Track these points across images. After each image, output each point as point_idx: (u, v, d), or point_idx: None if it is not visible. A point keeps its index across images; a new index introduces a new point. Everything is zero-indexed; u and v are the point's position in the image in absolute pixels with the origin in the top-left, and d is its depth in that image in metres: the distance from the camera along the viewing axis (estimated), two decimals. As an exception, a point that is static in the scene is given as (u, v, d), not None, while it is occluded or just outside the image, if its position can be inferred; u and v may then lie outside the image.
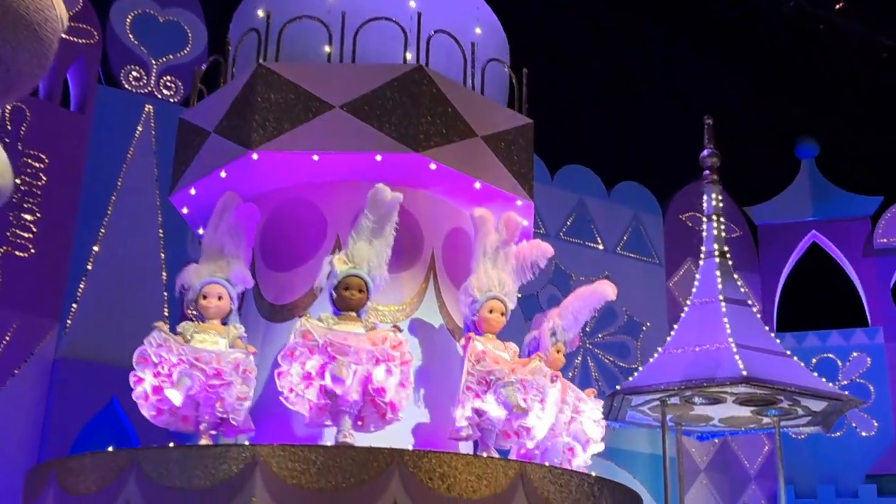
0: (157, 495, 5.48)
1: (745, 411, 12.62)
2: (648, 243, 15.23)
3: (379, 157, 6.90)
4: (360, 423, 6.13)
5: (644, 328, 14.66)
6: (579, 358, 14.05)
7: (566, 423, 7.09)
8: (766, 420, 12.85)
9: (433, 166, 6.89)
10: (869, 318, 16.05)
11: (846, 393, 11.93)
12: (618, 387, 12.32)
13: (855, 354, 15.67)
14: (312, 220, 7.15)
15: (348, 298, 6.31)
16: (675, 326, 12.70)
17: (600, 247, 14.72)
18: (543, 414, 6.54)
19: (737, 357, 11.64)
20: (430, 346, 7.05)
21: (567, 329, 7.43)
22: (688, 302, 12.86)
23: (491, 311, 6.72)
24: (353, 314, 6.33)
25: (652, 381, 11.99)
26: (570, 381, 7.47)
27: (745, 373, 11.33)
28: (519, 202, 7.46)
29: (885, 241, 16.08)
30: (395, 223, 6.50)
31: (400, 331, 6.24)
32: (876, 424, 15.33)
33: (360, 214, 6.42)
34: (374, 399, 6.05)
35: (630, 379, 12.26)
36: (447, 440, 6.45)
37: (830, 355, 15.49)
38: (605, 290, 7.44)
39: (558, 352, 7.39)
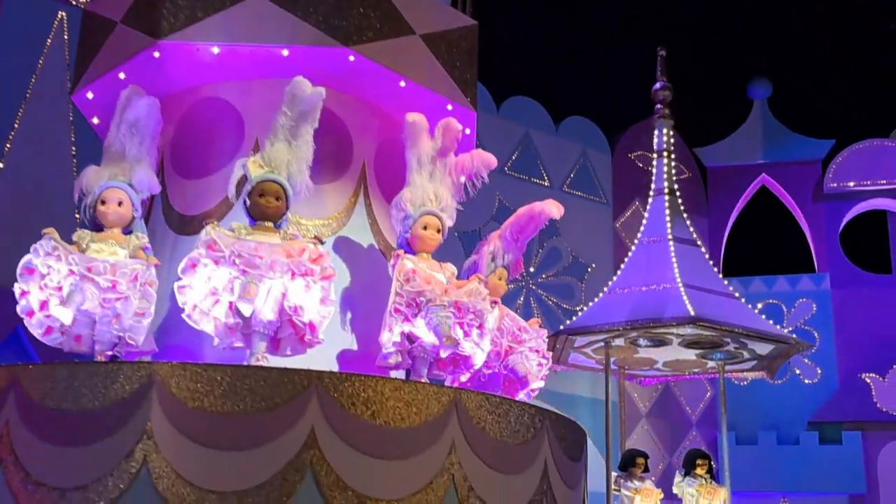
0: (38, 417, 4.76)
1: (691, 354, 12.25)
2: (596, 182, 14.69)
3: (289, 52, 6.13)
4: (275, 345, 5.44)
5: (589, 269, 14.17)
6: (521, 298, 13.52)
7: (502, 354, 6.48)
8: (710, 364, 12.50)
9: (352, 58, 6.14)
10: (816, 264, 15.77)
11: (794, 336, 11.57)
12: (561, 327, 11.84)
13: (801, 301, 15.40)
14: (229, 121, 6.38)
15: (263, 206, 5.58)
16: (622, 266, 12.25)
17: (546, 183, 14.15)
18: (482, 341, 5.92)
19: (685, 297, 11.23)
20: (358, 266, 6.37)
21: (508, 252, 6.80)
22: (635, 242, 12.39)
23: (425, 228, 6.04)
24: (270, 224, 5.60)
25: (597, 321, 11.54)
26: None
27: (693, 313, 10.93)
28: (450, 107, 6.73)
29: (835, 185, 15.76)
30: (318, 124, 5.76)
31: (321, 242, 5.54)
32: (819, 372, 15.11)
33: (278, 112, 5.68)
34: (292, 319, 5.36)
35: (574, 319, 11.77)
36: (376, 370, 5.80)
37: (776, 301, 15.20)
38: (550, 208, 6.80)
39: (499, 278, 6.76)
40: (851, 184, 15.65)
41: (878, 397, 14.50)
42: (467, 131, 6.99)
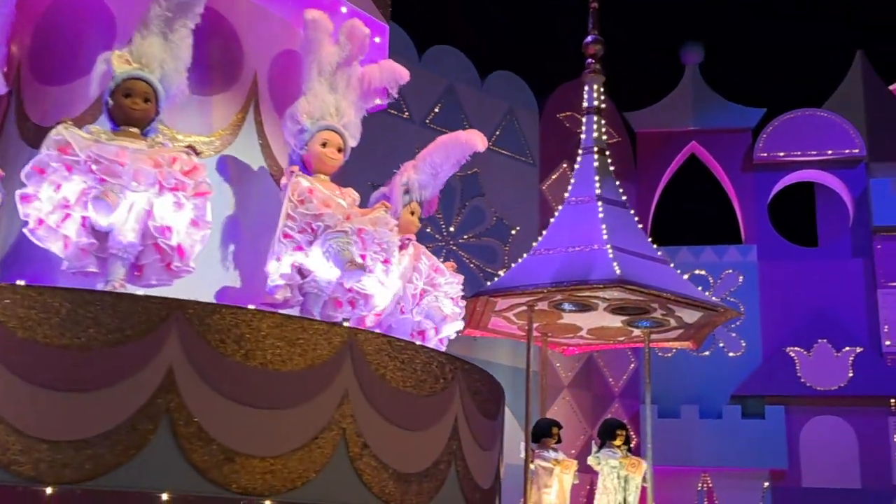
0: None
1: (616, 321, 11.64)
2: (523, 141, 13.98)
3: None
4: (137, 272, 4.57)
5: (513, 232, 13.48)
6: (441, 259, 12.73)
7: (416, 297, 5.71)
8: (636, 333, 11.91)
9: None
10: (744, 235, 15.36)
11: (722, 303, 11.02)
12: (481, 288, 11.11)
13: (727, 272, 14.97)
14: (97, 20, 5.44)
15: (129, 108, 4.69)
16: (548, 226, 11.57)
17: (470, 141, 13.35)
18: (387, 279, 5.12)
19: (612, 259, 10.58)
20: (244, 190, 5.51)
21: (423, 186, 6.03)
22: (561, 204, 11.71)
23: (324, 145, 5.22)
24: (135, 131, 4.72)
25: (520, 281, 10.83)
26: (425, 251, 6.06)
27: (620, 275, 10.28)
28: (342, 8, 5.87)
29: (765, 155, 15.35)
30: (201, 22, 4.89)
31: (197, 153, 4.67)
32: (743, 344, 14.71)
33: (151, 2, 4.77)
34: (157, 242, 4.50)
35: (495, 280, 11.04)
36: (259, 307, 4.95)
37: (702, 272, 14.74)
38: (473, 138, 6.05)
39: (412, 213, 6.00)
40: (781, 154, 15.26)
41: (803, 371, 14.17)
42: (377, 40, 6.18)
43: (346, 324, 4.92)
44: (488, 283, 11.40)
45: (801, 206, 15.95)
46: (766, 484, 13.99)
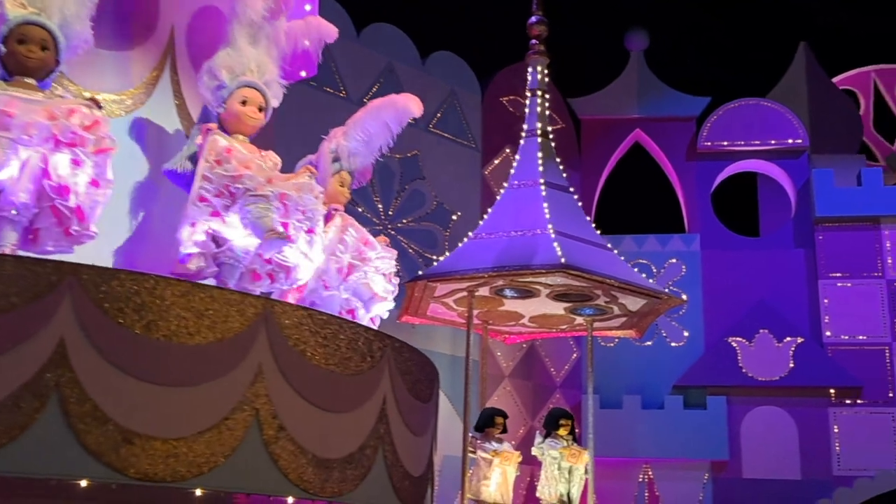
0: None
1: (559, 309, 11.36)
2: (464, 124, 13.64)
3: None
4: (31, 237, 4.13)
5: (454, 217, 13.14)
6: (379, 244, 12.37)
7: (343, 271, 5.32)
8: (578, 321, 11.64)
9: None
10: (687, 224, 15.22)
11: (666, 290, 10.80)
12: (420, 273, 10.74)
13: (671, 261, 14.81)
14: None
15: (23, 57, 4.25)
16: (489, 210, 11.24)
17: (410, 121, 12.95)
18: (311, 251, 4.73)
19: (555, 244, 10.29)
20: (157, 154, 5.07)
21: (354, 154, 5.64)
22: (504, 187, 11.39)
23: (244, 103, 4.82)
24: (31, 81, 4.27)
25: (460, 266, 10.48)
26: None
27: (563, 260, 9.99)
28: None
29: (709, 144, 15.21)
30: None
31: (98, 107, 4.24)
32: (686, 334, 14.56)
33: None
34: (54, 203, 4.06)
35: (434, 264, 10.68)
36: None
37: (645, 261, 14.53)
38: (409, 103, 5.68)
39: (341, 184, 5.61)
40: (725, 143, 15.15)
41: (744, 362, 14.07)
42: (307, 7, 5.78)
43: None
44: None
45: (744, 196, 15.87)
46: (707, 475, 13.86)
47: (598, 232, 11.42)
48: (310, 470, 4.03)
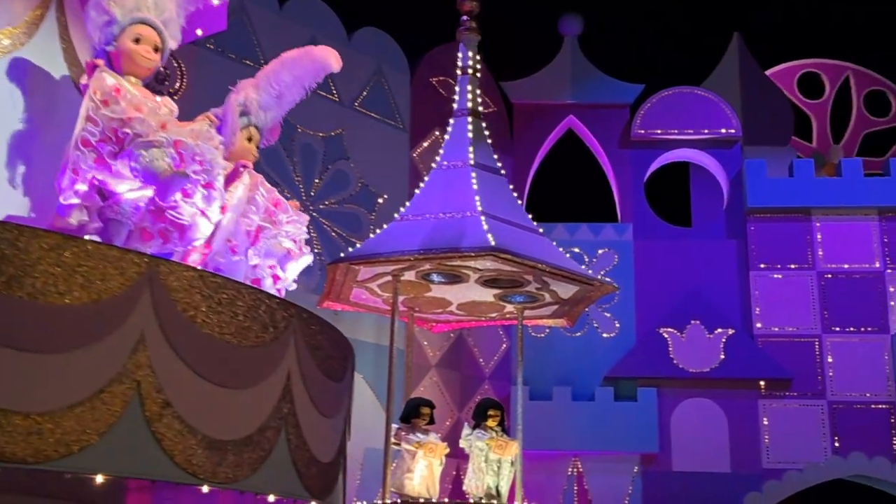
0: None
1: (488, 296, 10.93)
2: (392, 103, 13.13)
3: None
4: None
5: (380, 201, 12.61)
6: (300, 226, 11.78)
7: (252, 234, 4.78)
8: (508, 308, 11.22)
9: None
10: (620, 213, 14.93)
11: (599, 276, 10.44)
12: (342, 254, 10.21)
13: (603, 250, 14.51)
14: None
15: None
16: (417, 191, 10.76)
17: (335, 98, 12.43)
18: (210, 208, 4.19)
19: (485, 227, 9.85)
20: (40, 100, 4.48)
21: (264, 108, 5.11)
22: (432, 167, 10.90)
23: (137, 41, 4.25)
24: None
25: (384, 248, 9.99)
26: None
27: (493, 243, 9.55)
28: None
29: (642, 132, 14.95)
30: None
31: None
32: (617, 325, 14.27)
33: None
34: None
35: (357, 246, 10.15)
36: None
37: (577, 249, 14.20)
38: (326, 55, 5.18)
39: (249, 139, 5.06)
40: (658, 131, 14.91)
41: (675, 353, 13.83)
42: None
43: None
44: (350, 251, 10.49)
45: (677, 186, 15.65)
46: (637, 468, 13.59)
47: (530, 215, 11.04)
48: (199, 452, 3.50)
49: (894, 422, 13.67)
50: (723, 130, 14.95)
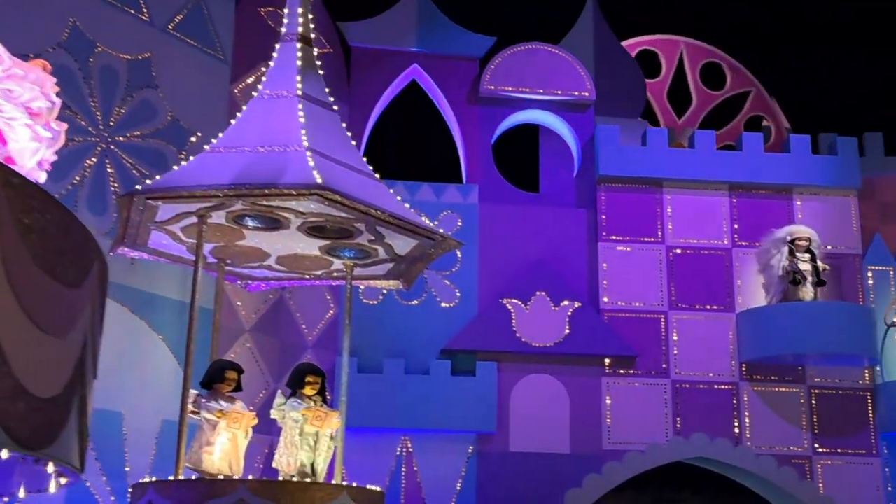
0: None
1: (313, 248, 9.56)
2: (212, 31, 11.46)
3: None
4: None
5: (193, 139, 10.94)
6: (94, 158, 9.99)
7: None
8: (336, 265, 9.85)
9: None
10: (465, 174, 13.78)
11: (441, 231, 9.20)
12: (137, 187, 8.59)
13: (445, 213, 13.33)
14: None
15: None
16: (233, 121, 9.25)
17: (144, 17, 10.67)
18: None
19: (311, 163, 8.46)
20: None
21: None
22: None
23: None
24: None
25: (189, 181, 8.45)
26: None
27: (319, 180, 8.17)
28: None
29: (492, 88, 13.85)
30: None
31: None
32: (458, 294, 13.13)
33: None
34: None
35: (157, 178, 8.55)
36: None
37: (419, 211, 12.89)
38: None
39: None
40: (509, 89, 13.82)
41: (519, 326, 12.75)
42: None
43: None
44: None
45: (526, 150, 14.60)
46: (472, 448, 12.47)
47: (365, 159, 9.70)
48: None
49: (737, 403, 13.10)
50: (576, 93, 14.03)
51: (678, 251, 13.62)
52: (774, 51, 18.69)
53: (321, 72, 9.69)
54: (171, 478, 7.79)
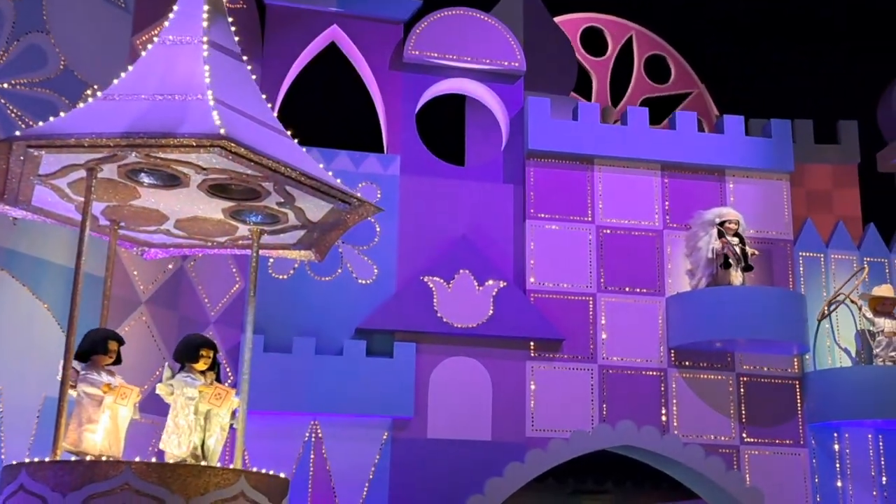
0: None
1: (216, 211, 8.71)
2: (112, -26, 10.46)
3: None
4: None
5: (88, 92, 9.92)
6: (-30, 106, 8.94)
7: None
8: (242, 231, 9.01)
9: None
10: (386, 143, 12.99)
11: (358, 194, 8.43)
12: (17, 133, 7.63)
13: (364, 184, 12.52)
14: None
15: None
16: (130, 67, 8.34)
17: (32, -50, 9.64)
18: None
19: (214, 112, 7.62)
20: None
21: None
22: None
23: None
24: None
25: (78, 129, 7.53)
26: None
27: (222, 131, 7.34)
28: None
29: (416, 54, 13.09)
30: None
31: None
32: (376, 271, 12.36)
33: None
34: None
35: (40, 124, 7.60)
36: None
37: (335, 181, 12.07)
38: None
39: None
40: (435, 55, 13.04)
41: (440, 305, 12.01)
42: None
43: None
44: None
45: (452, 121, 13.88)
46: (387, 434, 11.71)
47: (275, 114, 8.88)
48: None
49: (665, 390, 12.62)
50: (505, 63, 13.35)
51: (608, 231, 13.07)
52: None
53: (231, 21, 8.83)
54: (48, 458, 6.90)
